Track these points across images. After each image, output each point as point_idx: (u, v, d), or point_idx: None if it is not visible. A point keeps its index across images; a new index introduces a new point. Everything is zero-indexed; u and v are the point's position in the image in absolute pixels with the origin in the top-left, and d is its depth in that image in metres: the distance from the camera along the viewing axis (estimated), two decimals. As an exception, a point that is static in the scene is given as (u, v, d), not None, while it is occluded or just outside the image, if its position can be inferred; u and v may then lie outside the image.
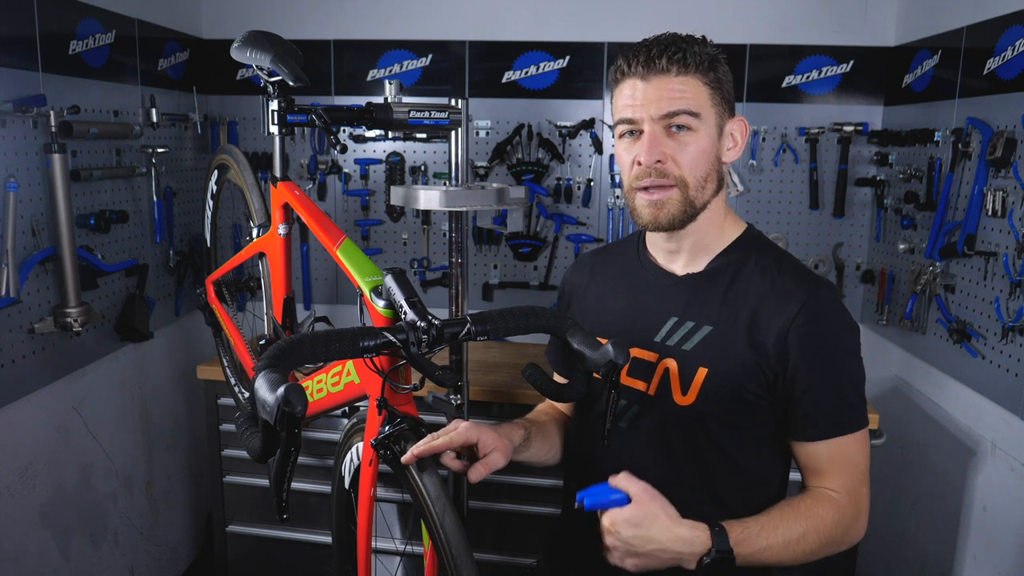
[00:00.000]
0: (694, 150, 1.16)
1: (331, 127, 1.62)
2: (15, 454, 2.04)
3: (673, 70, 1.14)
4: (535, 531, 2.32)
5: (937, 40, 2.42)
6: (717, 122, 1.18)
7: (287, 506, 1.12)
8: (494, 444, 1.20)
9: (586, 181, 2.91)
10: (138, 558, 2.64)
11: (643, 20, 2.77)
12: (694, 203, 1.18)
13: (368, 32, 2.92)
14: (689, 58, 1.14)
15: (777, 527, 1.13)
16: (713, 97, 1.16)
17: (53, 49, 2.10)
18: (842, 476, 1.18)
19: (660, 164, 1.15)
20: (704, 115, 1.16)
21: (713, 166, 1.19)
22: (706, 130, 1.16)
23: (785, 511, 1.16)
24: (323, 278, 3.10)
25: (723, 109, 1.19)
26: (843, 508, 1.17)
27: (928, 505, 2.44)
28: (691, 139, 1.15)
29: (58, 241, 2.07)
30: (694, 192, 1.17)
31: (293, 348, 1.00)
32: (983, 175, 2.10)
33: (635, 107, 1.16)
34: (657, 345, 1.23)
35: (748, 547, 1.10)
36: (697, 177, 1.17)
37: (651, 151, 1.15)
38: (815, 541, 1.14)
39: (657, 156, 1.15)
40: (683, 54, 1.14)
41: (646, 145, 1.15)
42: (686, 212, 1.18)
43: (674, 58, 1.13)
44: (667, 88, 1.14)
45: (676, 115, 1.14)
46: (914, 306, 2.45)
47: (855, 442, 1.18)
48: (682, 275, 1.26)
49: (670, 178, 1.16)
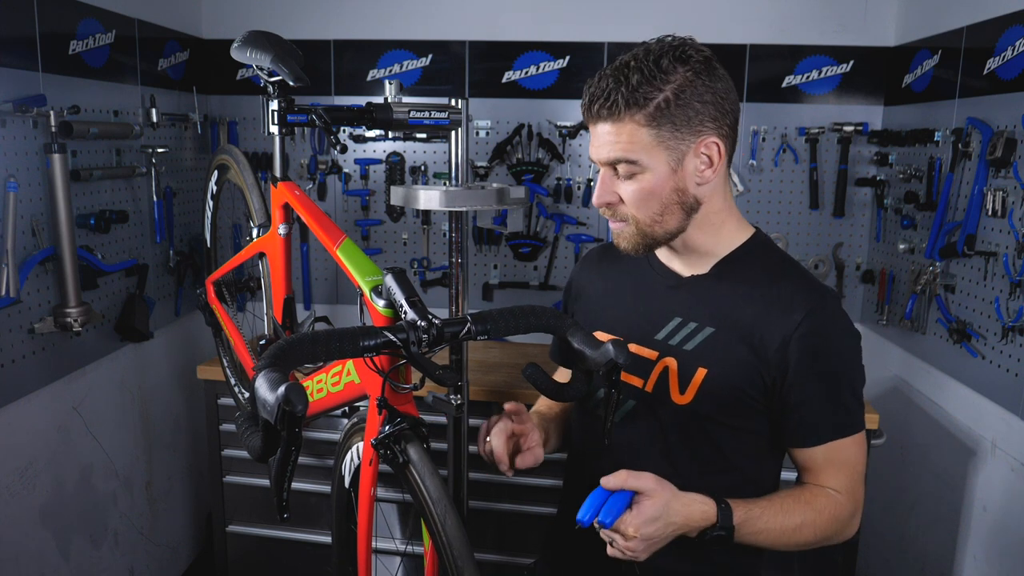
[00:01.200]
0: (638, 191, 1.15)
1: (331, 127, 1.61)
2: (15, 454, 2.04)
3: (608, 118, 1.13)
4: (535, 531, 2.32)
5: (937, 40, 2.42)
6: (668, 157, 1.13)
7: (287, 506, 1.12)
8: (537, 441, 1.30)
9: (586, 181, 2.91)
10: (138, 558, 2.64)
11: (643, 20, 2.77)
12: (651, 235, 1.19)
13: (368, 32, 2.92)
14: (621, 101, 1.10)
15: (778, 513, 1.16)
16: (658, 135, 1.11)
17: (53, 49, 2.10)
18: (840, 476, 1.20)
19: (609, 206, 1.19)
20: (643, 158, 1.12)
21: (670, 199, 1.16)
22: (652, 170, 1.13)
23: (787, 499, 1.18)
24: (323, 278, 3.10)
25: (677, 141, 1.12)
26: (842, 505, 1.19)
27: (928, 505, 2.44)
28: (635, 182, 1.15)
29: (58, 241, 2.06)
30: (647, 227, 1.18)
31: (293, 348, 1.00)
32: (983, 175, 2.10)
33: (592, 148, 1.19)
34: (658, 343, 1.24)
35: (748, 528, 1.14)
36: (648, 215, 1.17)
37: (600, 195, 1.19)
38: (811, 533, 1.18)
39: (606, 199, 1.18)
40: (612, 100, 1.10)
41: (597, 189, 1.19)
42: (644, 242, 1.20)
43: (605, 106, 1.11)
44: (605, 136, 1.14)
45: (616, 162, 1.15)
46: (914, 306, 2.45)
47: (853, 444, 1.20)
48: (687, 276, 1.26)
49: (619, 215, 1.19)
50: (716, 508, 1.12)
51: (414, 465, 1.18)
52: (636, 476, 1.09)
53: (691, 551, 1.16)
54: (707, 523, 1.12)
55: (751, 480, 1.25)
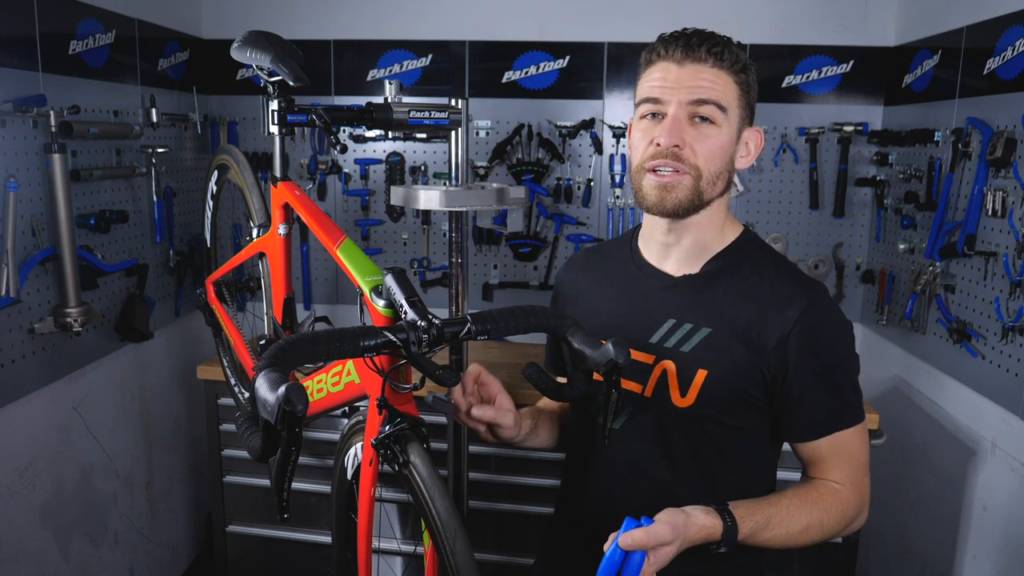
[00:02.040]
0: (714, 143, 1.16)
1: (331, 127, 1.61)
2: (15, 454, 2.04)
3: (710, 61, 1.14)
4: (535, 531, 2.32)
5: (937, 40, 2.42)
6: (739, 124, 1.19)
7: (287, 506, 1.12)
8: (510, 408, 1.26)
9: (586, 181, 2.91)
10: (138, 558, 2.64)
11: (643, 20, 2.77)
12: (702, 195, 1.17)
13: (368, 32, 2.92)
14: (727, 54, 1.15)
15: (784, 518, 1.15)
16: (741, 98, 1.17)
17: (53, 49, 2.10)
18: (844, 468, 1.20)
19: (678, 149, 1.14)
20: (730, 112, 1.16)
21: (727, 165, 1.19)
22: (728, 127, 1.16)
23: (794, 502, 1.17)
24: (323, 278, 3.10)
25: (746, 113, 1.19)
26: (847, 500, 1.19)
27: (928, 505, 2.44)
28: (713, 132, 1.15)
29: (58, 241, 2.07)
30: (706, 184, 1.16)
31: (293, 347, 1.00)
32: (983, 175, 2.10)
33: (665, 88, 1.15)
34: (653, 347, 1.23)
35: (755, 539, 1.13)
36: (711, 171, 1.16)
37: (672, 134, 1.14)
38: (818, 532, 1.17)
39: (677, 140, 1.14)
40: (722, 48, 1.15)
41: (668, 127, 1.14)
42: (693, 201, 1.17)
43: (713, 50, 1.14)
44: (701, 76, 1.14)
45: (704, 103, 1.14)
46: (914, 306, 2.45)
47: (855, 435, 1.20)
48: (678, 276, 1.25)
49: (686, 164, 1.15)
50: (722, 526, 1.09)
51: (414, 465, 1.18)
52: (656, 532, 1.03)
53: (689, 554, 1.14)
54: (712, 540, 1.10)
55: (751, 476, 1.26)
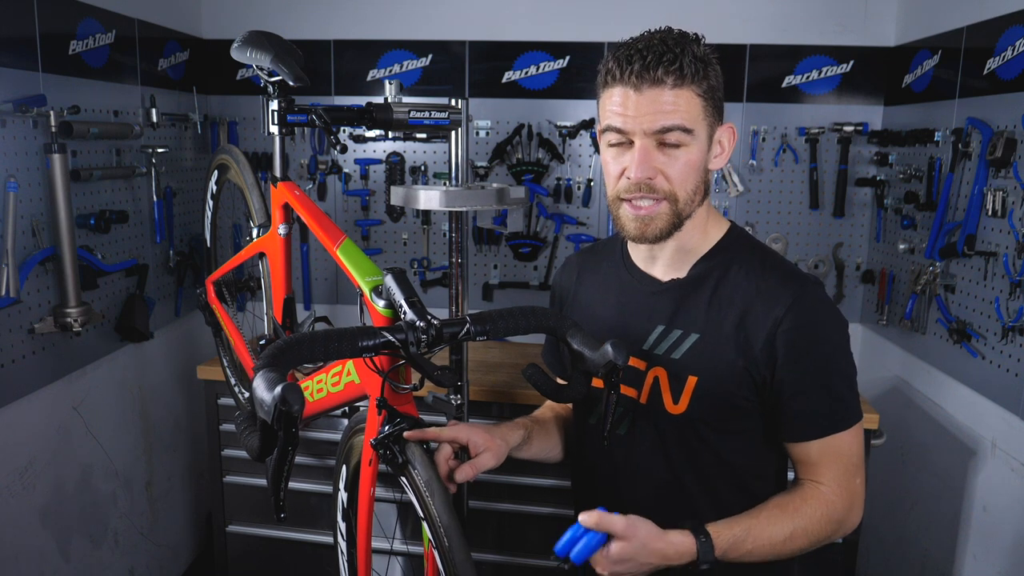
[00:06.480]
0: (684, 165, 1.12)
1: (331, 127, 1.61)
2: (15, 454, 2.04)
3: (669, 81, 1.08)
4: (535, 531, 2.32)
5: (937, 40, 2.42)
6: (708, 133, 1.14)
7: (284, 506, 1.12)
8: (485, 445, 1.23)
9: (586, 181, 2.91)
10: (138, 558, 2.64)
11: (643, 20, 2.71)
12: (681, 215, 1.16)
13: (368, 32, 2.92)
14: (685, 68, 1.08)
15: (764, 530, 1.13)
16: (706, 109, 1.12)
17: (53, 49, 2.10)
18: (834, 469, 1.18)
19: (650, 180, 1.12)
20: (696, 130, 1.11)
21: (701, 177, 1.16)
22: (697, 143, 1.13)
23: (774, 512, 1.16)
24: (323, 278, 3.10)
25: (714, 119, 1.15)
26: (833, 503, 1.17)
27: (928, 505, 2.44)
28: (682, 154, 1.12)
29: (58, 241, 2.07)
30: (684, 205, 1.15)
31: (292, 347, 1.00)
32: (983, 175, 2.10)
33: (626, 118, 1.10)
34: (645, 354, 1.23)
35: (735, 552, 1.11)
36: (687, 190, 1.14)
37: (641, 167, 1.11)
38: (803, 539, 1.15)
39: (648, 172, 1.11)
40: (679, 64, 1.08)
41: (637, 160, 1.11)
42: (674, 225, 1.16)
43: (671, 69, 1.08)
44: (661, 101, 1.09)
45: (669, 131, 1.10)
46: (914, 306, 2.45)
47: (848, 436, 1.18)
48: (666, 281, 1.25)
49: (660, 192, 1.13)
50: (696, 543, 1.08)
51: (413, 465, 1.18)
52: (609, 519, 1.05)
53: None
54: (687, 560, 1.08)
55: (754, 479, 1.25)
